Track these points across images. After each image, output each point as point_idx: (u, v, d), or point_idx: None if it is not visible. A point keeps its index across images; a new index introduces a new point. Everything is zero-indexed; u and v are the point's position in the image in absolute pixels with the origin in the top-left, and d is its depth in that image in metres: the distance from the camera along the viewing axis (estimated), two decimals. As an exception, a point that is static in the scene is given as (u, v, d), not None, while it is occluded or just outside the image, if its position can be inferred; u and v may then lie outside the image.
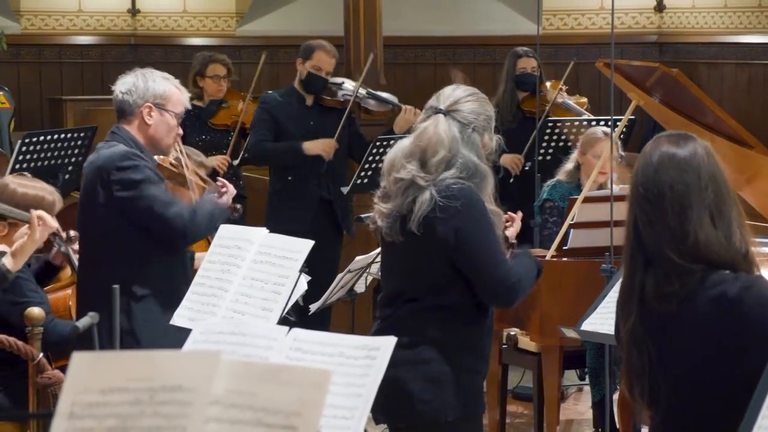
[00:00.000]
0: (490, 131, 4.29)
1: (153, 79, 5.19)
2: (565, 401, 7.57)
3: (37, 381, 5.13)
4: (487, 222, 4.18)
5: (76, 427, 2.28)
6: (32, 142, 7.52)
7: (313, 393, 2.32)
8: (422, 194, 4.12)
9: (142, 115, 5.15)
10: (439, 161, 4.14)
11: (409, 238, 4.16)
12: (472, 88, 4.35)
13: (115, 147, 5.12)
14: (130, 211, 5.04)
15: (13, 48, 11.77)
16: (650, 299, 3.32)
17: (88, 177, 5.15)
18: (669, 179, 3.31)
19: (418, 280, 4.20)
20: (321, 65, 7.77)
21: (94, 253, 5.15)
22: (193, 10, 12.84)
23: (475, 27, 12.53)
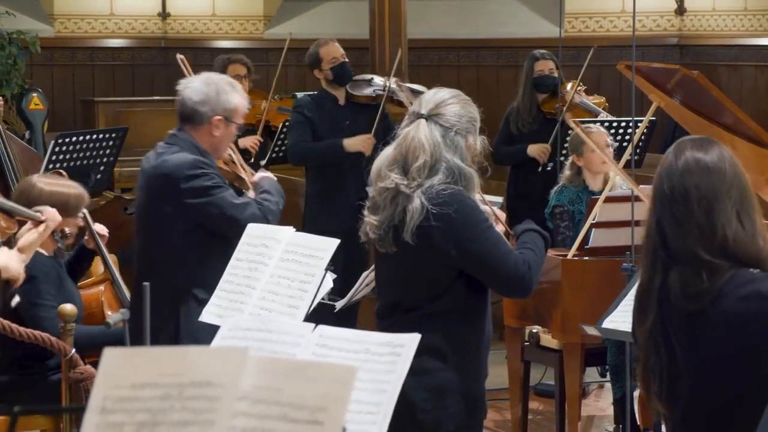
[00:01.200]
0: (474, 133, 4.20)
1: (225, 91, 5.23)
2: (586, 398, 7.56)
3: (69, 376, 5.21)
4: (483, 221, 4.13)
5: (108, 421, 2.31)
6: (65, 142, 7.57)
7: (338, 389, 2.34)
8: (411, 203, 4.06)
9: (210, 126, 5.22)
10: (420, 167, 4.08)
11: (403, 248, 4.10)
12: (455, 91, 4.28)
13: (181, 154, 5.17)
14: (201, 217, 5.11)
15: (46, 51, 11.84)
16: (675, 298, 3.32)
17: (153, 182, 5.19)
18: (695, 181, 3.33)
19: (414, 290, 4.16)
20: (334, 55, 7.80)
21: (155, 256, 5.20)
22: (221, 14, 12.89)
23: (498, 30, 12.53)
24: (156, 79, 12.46)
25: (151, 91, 12.22)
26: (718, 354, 3.32)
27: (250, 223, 5.01)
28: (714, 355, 3.33)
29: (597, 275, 6.27)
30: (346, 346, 3.36)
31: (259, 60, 9.14)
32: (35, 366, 5.52)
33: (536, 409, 7.42)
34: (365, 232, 4.22)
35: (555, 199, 7.09)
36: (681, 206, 3.32)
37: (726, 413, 3.35)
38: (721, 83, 11.10)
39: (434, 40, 12.45)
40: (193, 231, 5.14)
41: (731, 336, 3.30)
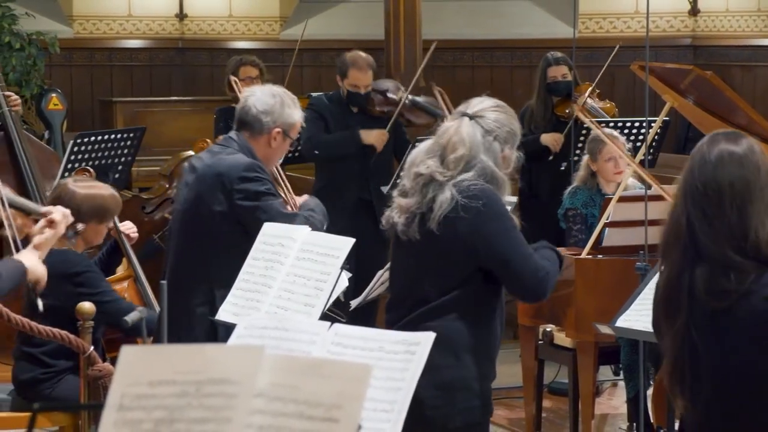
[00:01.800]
0: (512, 145, 4.31)
1: (288, 105, 5.32)
2: (599, 396, 7.58)
3: (88, 373, 5.25)
4: (509, 220, 4.21)
5: (126, 418, 2.32)
6: (84, 142, 7.61)
7: (354, 386, 2.36)
8: (442, 193, 4.14)
9: (270, 137, 5.28)
10: (458, 158, 4.16)
11: (426, 237, 4.17)
12: (503, 103, 4.40)
13: (237, 156, 5.20)
14: (249, 220, 5.13)
15: (65, 51, 11.89)
16: (700, 295, 3.33)
17: (205, 179, 5.20)
18: (729, 176, 3.33)
19: (429, 281, 4.20)
20: (357, 83, 7.87)
21: (196, 254, 5.22)
22: (238, 15, 12.93)
23: (513, 30, 12.54)
24: (173, 79, 12.50)
25: (169, 92, 12.27)
26: (741, 352, 3.33)
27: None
28: (737, 353, 3.34)
29: (610, 274, 6.29)
30: (361, 344, 3.39)
31: (275, 61, 9.17)
32: (55, 362, 5.56)
33: (550, 408, 7.44)
34: (388, 218, 4.30)
35: (568, 201, 7.11)
36: (713, 205, 3.32)
37: (748, 411, 3.37)
38: (734, 84, 11.08)
39: (449, 40, 12.47)
40: (237, 233, 5.15)
41: (755, 334, 3.32)
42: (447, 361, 4.14)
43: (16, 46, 10.80)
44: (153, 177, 10.00)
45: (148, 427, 2.32)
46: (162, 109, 11.18)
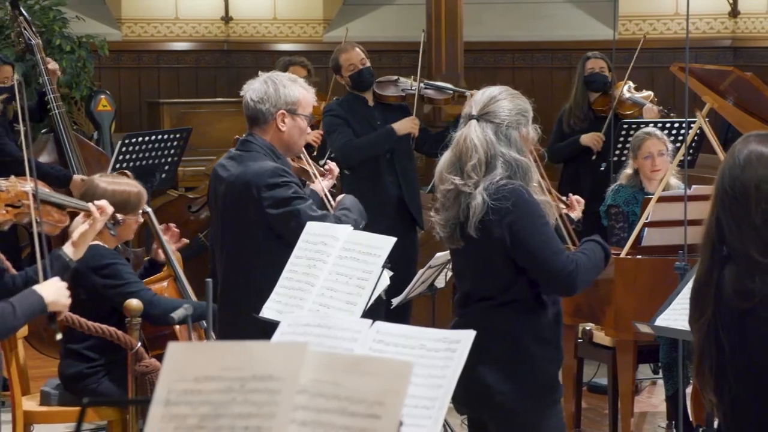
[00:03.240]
0: (527, 124, 4.34)
1: (283, 85, 5.20)
2: (639, 394, 7.57)
3: (135, 369, 5.31)
4: (538, 216, 4.26)
5: (172, 413, 2.36)
6: (131, 142, 7.68)
7: (395, 383, 2.38)
8: (474, 199, 4.22)
9: (276, 123, 5.18)
10: (475, 165, 4.23)
11: (469, 243, 4.28)
12: (503, 87, 4.40)
13: (261, 162, 5.12)
14: (280, 226, 5.11)
15: (114, 54, 11.98)
16: (727, 294, 3.35)
17: (235, 189, 5.15)
18: (755, 177, 3.33)
19: (483, 281, 4.32)
20: (351, 62, 7.75)
21: (240, 262, 5.22)
22: (282, 17, 12.97)
23: (553, 32, 12.52)
24: (219, 81, 12.58)
25: (214, 93, 12.34)
26: (764, 352, 3.34)
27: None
28: (761, 353, 3.35)
29: (650, 274, 6.30)
30: (402, 341, 3.41)
31: (319, 63, 9.20)
32: (101, 358, 5.62)
33: (589, 405, 7.45)
34: (436, 231, 4.41)
35: (611, 198, 7.12)
36: (740, 207, 3.33)
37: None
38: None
39: (490, 42, 12.46)
40: (271, 240, 5.14)
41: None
42: (510, 349, 4.27)
43: (67, 49, 10.91)
44: (198, 177, 10.09)
45: (194, 422, 2.36)
46: (207, 110, 11.25)
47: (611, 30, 9.46)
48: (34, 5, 10.98)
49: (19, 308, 3.88)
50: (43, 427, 6.06)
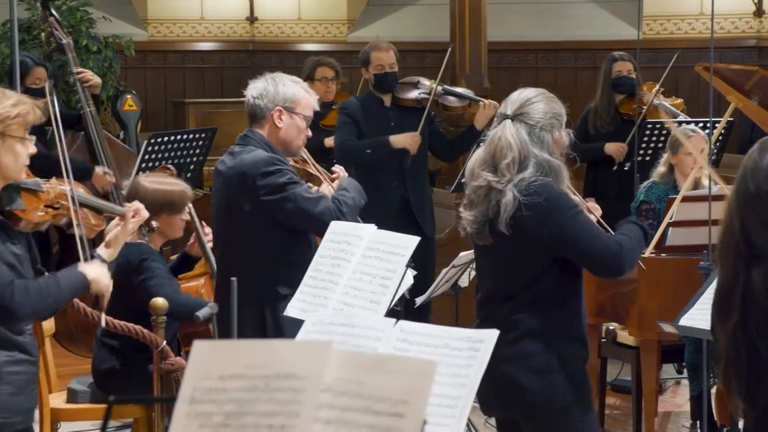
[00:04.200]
0: (560, 128, 4.40)
1: (283, 83, 5.29)
2: (663, 394, 7.57)
3: (161, 367, 5.34)
4: (572, 206, 4.32)
5: (197, 411, 2.37)
6: (157, 142, 7.72)
7: (419, 382, 2.38)
8: (504, 196, 4.27)
9: (272, 119, 5.26)
10: (509, 164, 4.28)
11: (499, 239, 4.32)
12: (540, 89, 4.46)
13: (256, 152, 5.20)
14: (278, 213, 5.16)
15: (140, 54, 12.04)
16: (760, 296, 3.33)
17: (231, 181, 5.22)
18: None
19: (511, 278, 4.35)
20: (381, 62, 7.79)
21: (239, 255, 5.27)
22: (307, 18, 13.00)
23: (577, 32, 12.50)
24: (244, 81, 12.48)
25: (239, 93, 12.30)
26: None
27: (325, 217, 5.11)
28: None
29: (674, 273, 6.30)
30: (426, 340, 3.42)
31: (343, 63, 9.21)
32: (130, 355, 5.66)
33: (613, 405, 7.45)
34: (463, 227, 4.44)
35: (643, 194, 7.10)
36: (766, 205, 3.33)
37: None
38: (799, 85, 10.98)
39: (513, 42, 12.45)
40: (273, 228, 5.20)
41: None
42: (538, 348, 4.30)
43: (93, 49, 10.97)
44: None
45: (219, 420, 2.37)
46: (233, 110, 11.28)
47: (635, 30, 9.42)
48: (61, 6, 11.05)
49: (64, 281, 3.93)
50: (70, 425, 6.10)
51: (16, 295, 3.79)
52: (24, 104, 3.91)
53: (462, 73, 9.54)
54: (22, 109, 3.89)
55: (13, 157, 3.89)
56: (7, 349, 3.92)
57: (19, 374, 3.94)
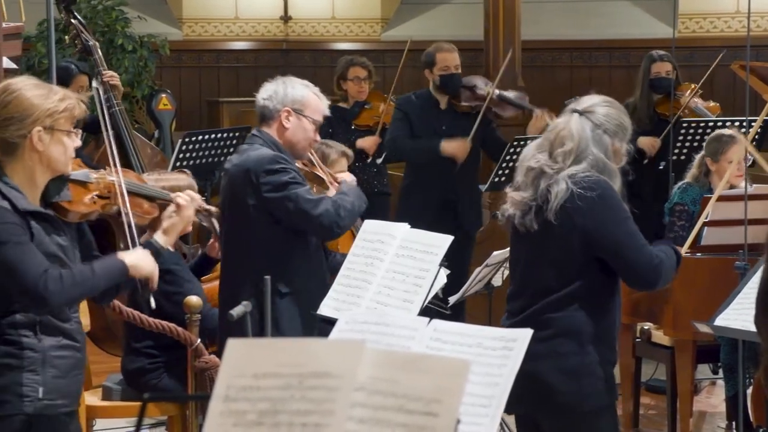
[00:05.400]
0: (622, 139, 4.39)
1: (292, 86, 5.34)
2: (698, 394, 7.53)
3: (195, 365, 5.36)
4: (623, 211, 4.31)
5: (231, 409, 2.39)
6: (191, 141, 7.76)
7: (452, 381, 2.38)
8: (557, 184, 4.24)
9: (280, 119, 5.29)
10: (566, 152, 4.27)
11: (544, 227, 4.27)
12: (612, 99, 4.49)
13: (261, 150, 5.25)
14: (278, 211, 5.20)
15: (175, 53, 12.10)
16: None
17: (235, 178, 5.28)
18: None
19: (549, 270, 4.29)
20: (447, 63, 7.88)
21: (239, 252, 5.31)
22: (341, 17, 13.03)
23: (611, 30, 12.46)
24: (278, 80, 12.65)
25: (273, 93, 12.40)
26: None
27: (324, 220, 5.14)
28: None
29: (709, 273, 6.27)
30: (459, 340, 3.42)
31: (377, 62, 9.23)
32: (162, 354, 5.68)
33: (647, 405, 7.42)
34: (504, 210, 4.39)
35: (678, 196, 7.06)
36: None
37: None
38: (836, 83, 10.91)
39: (547, 41, 12.43)
40: (275, 225, 5.23)
41: None
42: (571, 348, 4.26)
43: (129, 48, 11.03)
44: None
45: (253, 418, 2.38)
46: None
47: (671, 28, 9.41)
48: (97, 5, 11.11)
49: (99, 269, 3.98)
50: (105, 422, 6.13)
51: (49, 284, 3.86)
52: (70, 99, 4.02)
53: (495, 72, 9.52)
54: (68, 103, 3.99)
55: (61, 150, 3.98)
56: (53, 335, 3.99)
57: (65, 359, 4.02)
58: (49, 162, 3.97)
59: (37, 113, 3.92)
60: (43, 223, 3.96)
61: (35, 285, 3.86)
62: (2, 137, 3.94)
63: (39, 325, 3.96)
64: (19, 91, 3.95)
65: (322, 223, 5.17)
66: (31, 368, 3.93)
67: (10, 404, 3.92)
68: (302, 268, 5.26)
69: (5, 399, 3.92)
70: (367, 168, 8.26)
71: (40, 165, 3.96)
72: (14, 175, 3.96)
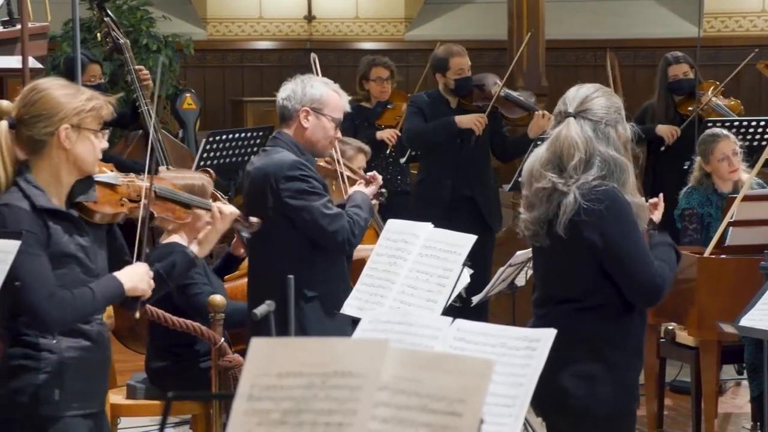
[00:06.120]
0: (622, 122, 4.27)
1: (311, 85, 5.32)
2: (723, 395, 7.53)
3: (218, 364, 5.37)
4: (631, 223, 4.20)
5: (255, 408, 2.39)
6: (215, 140, 7.79)
7: (476, 381, 2.38)
8: (566, 198, 4.15)
9: (299, 119, 5.28)
10: (576, 164, 4.16)
11: (556, 242, 4.21)
12: (596, 84, 4.36)
13: (282, 154, 5.25)
14: (295, 218, 5.20)
15: (199, 53, 12.15)
16: None
17: (257, 181, 5.28)
18: None
19: (568, 283, 4.25)
20: (462, 67, 7.95)
21: (264, 253, 5.32)
22: (364, 16, 13.05)
23: (636, 30, 12.44)
24: (302, 80, 12.68)
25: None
26: None
27: (338, 236, 5.14)
28: None
29: (734, 273, 6.25)
30: (482, 339, 3.41)
31: (400, 61, 9.26)
32: (186, 353, 5.70)
33: (672, 405, 7.40)
34: (521, 229, 4.34)
35: (684, 201, 7.08)
36: None
37: None
38: None
39: (571, 40, 12.41)
40: (295, 229, 5.23)
41: None
42: (589, 355, 4.21)
43: (153, 48, 11.07)
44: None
45: (276, 417, 2.39)
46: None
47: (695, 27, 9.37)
48: (122, 5, 11.15)
49: (98, 293, 3.98)
50: (130, 420, 6.15)
51: (53, 310, 3.87)
52: (98, 99, 4.03)
53: (519, 71, 9.53)
54: (96, 103, 4.01)
55: (88, 149, 3.99)
56: (73, 337, 4.00)
57: (83, 360, 4.02)
58: (75, 160, 3.98)
59: (65, 111, 3.94)
60: (63, 222, 3.96)
61: (39, 306, 3.86)
62: (29, 135, 3.95)
63: None
64: (46, 90, 3.98)
65: (335, 240, 5.18)
66: (47, 370, 3.94)
67: (25, 407, 3.93)
68: (326, 272, 5.25)
69: (21, 401, 3.93)
70: (390, 167, 8.29)
71: (66, 163, 3.97)
72: (40, 174, 3.97)
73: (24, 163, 3.98)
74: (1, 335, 4.01)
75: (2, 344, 4.04)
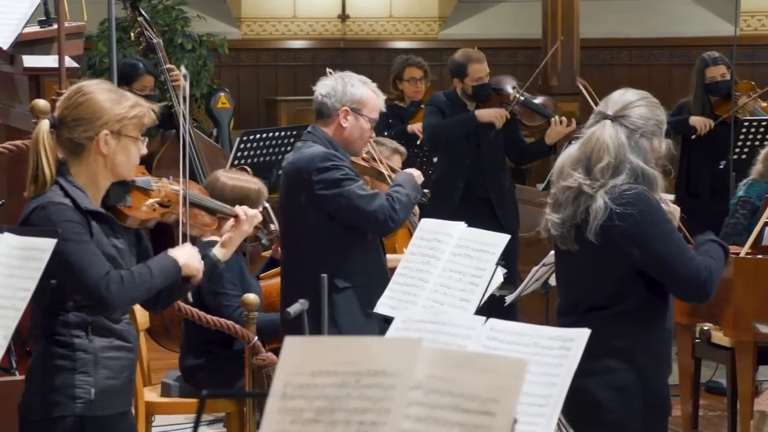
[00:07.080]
0: (660, 136, 4.21)
1: (352, 84, 5.33)
2: (758, 396, 7.48)
3: (252, 362, 5.39)
4: (667, 223, 4.16)
5: (288, 407, 2.39)
6: (249, 139, 7.82)
7: (510, 381, 2.36)
8: (595, 202, 4.09)
9: (338, 118, 5.31)
10: (604, 168, 4.10)
11: (586, 247, 4.14)
12: (644, 92, 4.29)
13: (314, 148, 5.28)
14: (332, 208, 5.23)
15: (233, 52, 12.20)
16: None
17: (290, 176, 5.33)
18: None
19: (597, 289, 4.19)
20: (480, 74, 7.94)
21: (297, 248, 5.35)
22: (398, 15, 13.07)
23: (672, 29, 12.39)
24: (336, 79, 12.71)
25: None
26: None
27: (378, 215, 5.16)
28: None
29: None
30: (516, 339, 3.39)
31: (434, 60, 9.27)
32: (220, 351, 5.72)
33: (707, 406, 7.37)
34: (546, 228, 4.26)
35: (743, 191, 7.03)
36: None
37: None
38: None
39: (606, 39, 12.37)
40: (330, 221, 5.26)
41: None
42: (622, 364, 4.15)
43: (188, 47, 11.11)
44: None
45: (310, 416, 2.39)
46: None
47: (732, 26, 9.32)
48: (157, 5, 11.20)
49: (155, 269, 4.01)
50: (164, 418, 6.18)
51: (111, 286, 3.89)
52: (141, 106, 4.04)
53: (554, 71, 9.51)
54: (139, 111, 4.02)
55: (126, 156, 4.00)
56: (104, 336, 4.02)
57: (116, 359, 4.04)
58: (113, 166, 4.00)
59: (107, 117, 3.95)
60: (103, 224, 3.99)
61: (97, 286, 3.88)
62: (69, 137, 3.97)
63: (91, 326, 3.98)
64: (91, 94, 3.98)
65: (377, 219, 5.20)
66: (83, 369, 3.96)
67: (62, 406, 3.95)
68: (360, 264, 5.28)
69: (57, 400, 3.95)
70: (423, 166, 8.29)
71: (103, 169, 3.99)
72: (78, 176, 3.99)
73: (63, 163, 4.00)
74: (35, 336, 4.03)
75: (34, 344, 4.07)
